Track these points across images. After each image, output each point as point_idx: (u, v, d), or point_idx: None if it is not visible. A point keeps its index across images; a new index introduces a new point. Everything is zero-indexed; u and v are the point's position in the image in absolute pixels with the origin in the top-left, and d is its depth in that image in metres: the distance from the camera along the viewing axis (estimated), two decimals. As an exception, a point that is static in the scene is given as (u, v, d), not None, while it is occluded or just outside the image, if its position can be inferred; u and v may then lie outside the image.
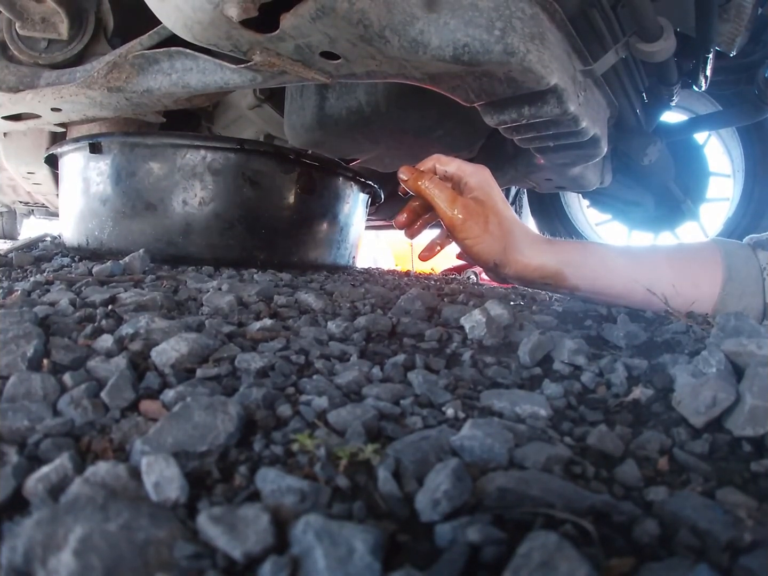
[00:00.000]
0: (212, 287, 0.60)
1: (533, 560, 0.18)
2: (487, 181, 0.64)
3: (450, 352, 0.44)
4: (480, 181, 0.64)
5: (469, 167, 0.65)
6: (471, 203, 0.62)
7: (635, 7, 0.74)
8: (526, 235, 0.63)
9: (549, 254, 0.61)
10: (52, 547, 0.18)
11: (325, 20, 0.49)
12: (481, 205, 0.62)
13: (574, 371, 0.41)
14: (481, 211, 0.62)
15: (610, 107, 0.90)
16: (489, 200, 0.63)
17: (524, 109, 0.69)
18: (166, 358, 0.36)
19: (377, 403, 0.32)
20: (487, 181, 0.64)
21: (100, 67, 0.72)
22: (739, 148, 1.54)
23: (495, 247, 0.61)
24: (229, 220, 0.80)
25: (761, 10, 0.96)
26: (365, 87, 0.95)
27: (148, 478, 0.22)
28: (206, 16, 0.49)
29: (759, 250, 0.61)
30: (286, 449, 0.26)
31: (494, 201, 0.63)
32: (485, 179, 0.64)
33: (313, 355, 0.41)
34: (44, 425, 0.26)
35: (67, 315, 0.44)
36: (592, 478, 0.26)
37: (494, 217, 0.62)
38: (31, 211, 2.47)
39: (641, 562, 0.19)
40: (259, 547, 0.19)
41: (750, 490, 0.25)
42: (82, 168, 0.84)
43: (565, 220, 1.98)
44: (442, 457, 0.26)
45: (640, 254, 0.65)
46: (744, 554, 0.20)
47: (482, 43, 0.55)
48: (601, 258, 0.62)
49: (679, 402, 0.33)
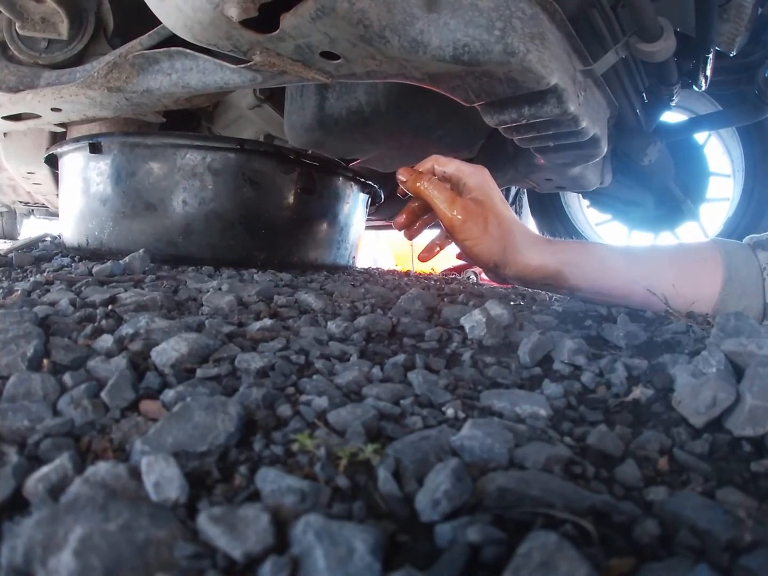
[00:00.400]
0: (212, 287, 0.60)
1: (533, 560, 0.18)
2: (486, 182, 0.64)
3: (450, 352, 0.44)
4: (479, 181, 0.63)
5: (467, 168, 0.64)
6: (470, 204, 0.62)
7: (635, 7, 0.74)
8: (525, 235, 0.63)
9: (549, 254, 0.61)
10: (52, 547, 0.18)
11: (325, 20, 0.49)
12: (480, 206, 0.62)
13: (574, 371, 0.41)
14: (480, 212, 0.61)
15: (610, 107, 0.90)
16: (488, 201, 0.62)
17: (524, 109, 0.69)
18: (166, 358, 0.36)
19: (377, 403, 0.32)
20: (486, 181, 0.64)
21: (100, 67, 0.72)
22: (739, 148, 1.54)
23: (495, 248, 0.61)
24: (229, 220, 0.80)
25: (761, 10, 0.96)
26: (365, 87, 0.95)
27: (148, 478, 0.22)
28: (206, 16, 0.49)
29: (759, 250, 0.61)
30: (286, 449, 0.26)
31: (493, 201, 0.63)
32: (484, 180, 0.64)
33: (313, 355, 0.41)
34: (44, 425, 0.26)
35: (67, 315, 0.44)
36: (592, 478, 0.26)
37: (494, 218, 0.61)
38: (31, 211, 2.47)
39: (641, 562, 0.19)
40: (259, 547, 0.19)
41: (750, 490, 0.25)
42: (82, 168, 0.84)
43: (565, 220, 1.98)
44: (442, 457, 0.26)
45: (641, 254, 0.65)
46: (744, 554, 0.20)
47: (482, 43, 0.55)
48: (601, 258, 0.62)
49: (679, 402, 0.33)
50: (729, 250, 0.61)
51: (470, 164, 0.66)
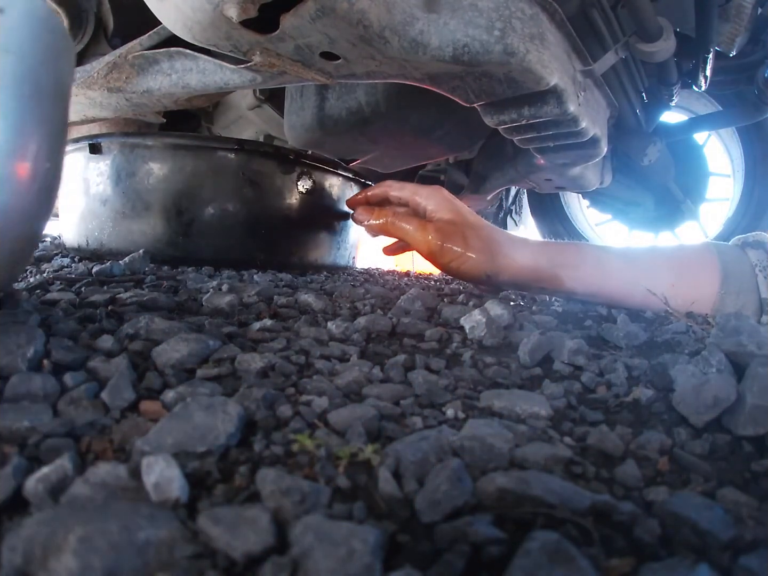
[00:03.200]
0: (212, 287, 0.60)
1: (534, 560, 0.18)
2: (447, 200, 0.62)
3: (450, 353, 0.44)
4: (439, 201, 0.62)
5: (424, 190, 0.63)
6: (442, 225, 0.60)
7: (635, 7, 0.75)
8: (511, 239, 0.61)
9: (542, 256, 0.60)
10: (52, 548, 0.18)
11: (325, 21, 0.49)
12: (452, 224, 0.60)
13: (574, 371, 0.41)
14: (455, 230, 0.59)
15: (610, 107, 0.90)
16: (458, 216, 0.60)
17: (524, 110, 0.69)
18: (167, 358, 0.36)
19: (377, 403, 0.32)
20: (447, 199, 0.62)
21: (100, 68, 0.72)
22: (739, 148, 1.54)
23: (482, 259, 0.59)
24: (228, 221, 0.80)
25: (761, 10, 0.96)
26: (365, 87, 0.95)
27: (148, 479, 0.22)
28: (206, 17, 0.49)
29: (748, 249, 0.61)
30: (287, 449, 0.26)
31: (463, 215, 0.61)
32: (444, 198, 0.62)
33: (314, 355, 0.41)
34: (44, 425, 0.26)
35: (67, 315, 0.44)
36: (592, 478, 0.26)
37: (471, 231, 0.59)
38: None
39: (642, 562, 0.19)
40: (260, 547, 0.19)
41: (750, 490, 0.25)
42: (82, 168, 0.84)
43: (565, 221, 1.98)
44: (442, 457, 0.26)
45: (637, 256, 0.65)
46: (745, 554, 0.20)
47: (482, 43, 0.55)
48: (597, 260, 0.61)
49: (680, 402, 0.33)
50: (722, 250, 0.62)
51: (425, 186, 0.64)
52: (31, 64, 0.34)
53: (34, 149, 0.35)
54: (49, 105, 0.36)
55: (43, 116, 0.36)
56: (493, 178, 1.28)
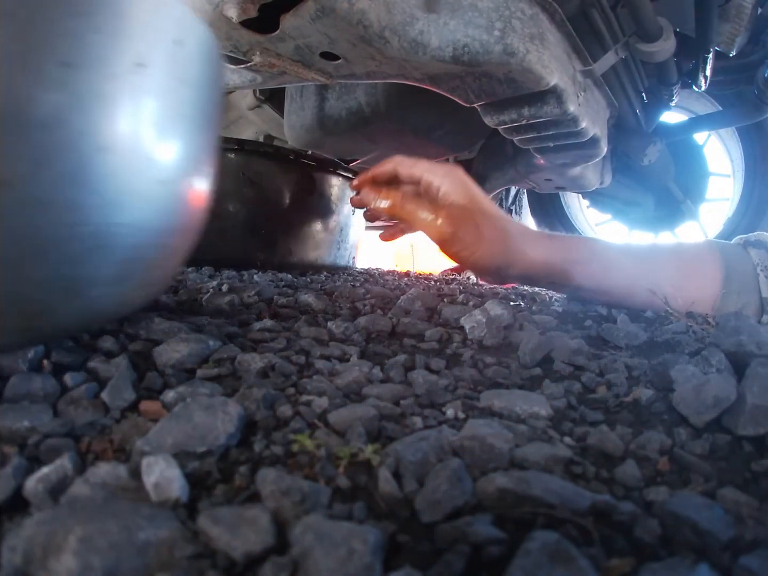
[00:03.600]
0: (212, 287, 0.60)
1: (534, 560, 0.18)
2: (464, 181, 0.56)
3: (450, 353, 0.44)
4: (456, 182, 0.55)
5: (439, 168, 0.56)
6: (455, 210, 0.54)
7: (635, 7, 0.75)
8: (524, 232, 0.59)
9: (554, 252, 0.58)
10: (52, 548, 0.18)
11: (325, 21, 0.49)
12: (466, 210, 0.55)
13: (574, 371, 0.41)
14: (468, 216, 0.54)
15: (609, 107, 0.90)
16: (472, 202, 0.55)
17: (524, 110, 0.69)
18: (167, 358, 0.36)
19: (377, 403, 0.32)
20: (463, 181, 0.56)
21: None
22: (739, 148, 1.54)
23: (495, 250, 0.55)
24: (229, 221, 0.80)
25: (761, 10, 0.96)
26: (365, 87, 0.95)
27: (148, 479, 0.22)
28: (206, 17, 0.49)
29: (750, 248, 0.61)
30: (287, 450, 0.26)
31: (479, 201, 0.56)
32: (460, 180, 0.56)
33: (314, 355, 0.41)
34: (44, 426, 0.26)
35: (67, 315, 0.44)
36: (592, 478, 0.26)
37: (485, 219, 0.55)
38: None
39: (642, 562, 0.19)
40: (260, 547, 0.19)
41: (751, 490, 0.25)
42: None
43: (565, 220, 1.98)
44: (442, 457, 0.26)
45: (644, 254, 0.65)
46: (745, 554, 0.20)
47: (482, 43, 0.55)
48: (606, 257, 0.60)
49: (680, 402, 0.33)
50: (724, 249, 0.62)
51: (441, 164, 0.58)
52: (203, 94, 0.35)
53: (205, 173, 0.37)
54: (213, 131, 0.38)
55: (210, 142, 0.38)
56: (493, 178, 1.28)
